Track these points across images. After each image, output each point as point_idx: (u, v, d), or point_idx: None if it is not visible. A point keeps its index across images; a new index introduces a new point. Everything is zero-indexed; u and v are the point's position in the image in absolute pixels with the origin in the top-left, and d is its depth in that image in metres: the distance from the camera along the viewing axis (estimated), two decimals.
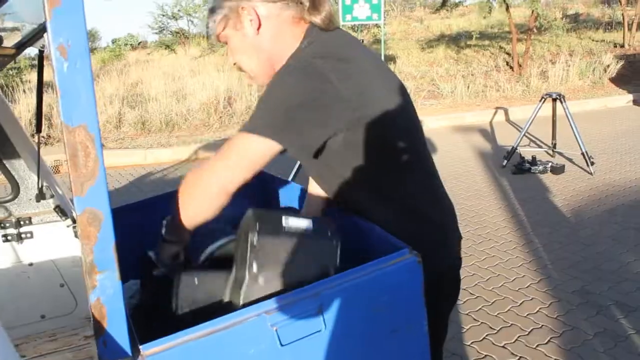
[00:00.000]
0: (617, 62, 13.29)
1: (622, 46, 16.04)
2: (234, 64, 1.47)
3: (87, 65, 0.84)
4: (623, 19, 16.39)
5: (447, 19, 24.03)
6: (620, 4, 16.65)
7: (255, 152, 1.26)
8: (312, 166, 1.53)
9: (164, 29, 25.86)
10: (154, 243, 1.46)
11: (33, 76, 11.59)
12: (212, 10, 1.40)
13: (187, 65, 16.22)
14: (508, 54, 14.89)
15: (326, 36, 1.37)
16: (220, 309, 1.16)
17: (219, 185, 1.27)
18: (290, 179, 5.16)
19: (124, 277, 1.74)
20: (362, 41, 4.83)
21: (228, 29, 1.40)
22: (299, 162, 4.33)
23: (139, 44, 31.21)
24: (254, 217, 1.21)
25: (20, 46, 2.04)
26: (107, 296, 0.93)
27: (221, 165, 1.27)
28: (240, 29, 1.38)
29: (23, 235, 2.26)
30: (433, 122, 9.48)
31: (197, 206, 1.30)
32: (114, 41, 30.82)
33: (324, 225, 1.27)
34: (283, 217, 1.24)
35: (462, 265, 1.65)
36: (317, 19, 1.36)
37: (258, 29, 1.36)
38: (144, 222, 1.95)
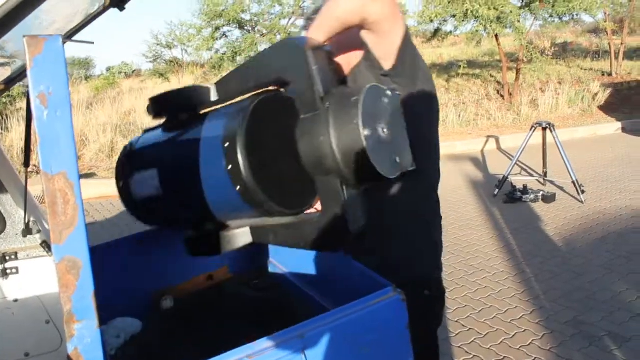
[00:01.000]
0: (605, 90, 13.47)
1: (610, 74, 16.27)
2: None
3: (67, 113, 0.84)
4: (610, 48, 16.68)
5: (438, 48, 24.35)
6: (607, 34, 16.92)
7: None
8: None
9: (158, 58, 26.06)
10: (149, 279, 1.45)
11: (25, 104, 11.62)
12: None
13: None
14: (499, 82, 15.05)
15: None
16: None
17: None
18: None
19: (118, 312, 1.71)
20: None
21: None
22: None
23: (134, 72, 31.38)
24: None
25: (9, 82, 2.05)
26: (85, 345, 0.92)
27: None
28: None
29: (8, 271, 2.24)
30: None
31: None
32: (108, 69, 30.99)
33: None
34: None
35: (455, 297, 1.71)
36: None
37: None
38: (141, 256, 1.94)
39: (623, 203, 6.16)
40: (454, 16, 12.09)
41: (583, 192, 6.29)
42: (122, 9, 1.85)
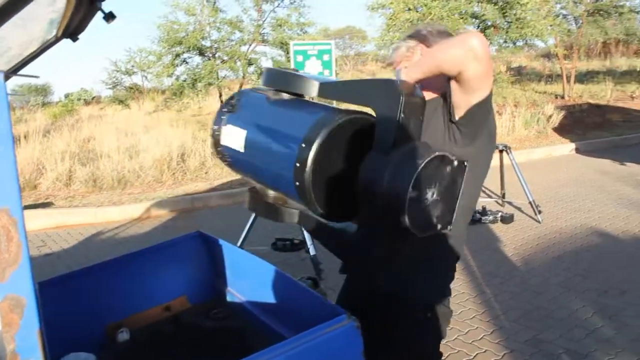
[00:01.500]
0: (559, 112, 13.88)
1: (563, 97, 16.81)
2: None
3: (9, 149, 0.83)
4: (562, 71, 17.25)
5: None
6: (558, 58, 17.52)
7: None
8: None
9: (117, 84, 25.79)
10: (104, 312, 1.44)
11: None
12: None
13: (140, 120, 16.14)
14: None
15: None
16: None
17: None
18: (239, 243, 5.14)
19: (72, 347, 1.67)
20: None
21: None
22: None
23: (93, 98, 30.97)
24: None
25: None
26: None
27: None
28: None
29: None
30: None
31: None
32: (67, 96, 30.51)
33: None
34: None
35: None
36: None
37: None
38: (96, 287, 1.90)
39: (578, 222, 6.33)
40: None
41: (540, 212, 6.44)
42: (75, 39, 1.84)
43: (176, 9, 10.87)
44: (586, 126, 13.87)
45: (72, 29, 1.70)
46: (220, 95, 12.17)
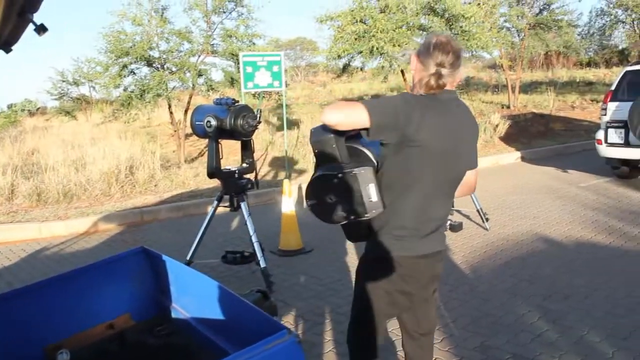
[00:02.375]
0: (505, 122, 14.27)
1: (508, 107, 17.30)
2: None
3: None
4: (507, 82, 17.75)
5: (349, 83, 24.98)
6: (503, 70, 18.03)
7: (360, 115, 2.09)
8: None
9: (64, 95, 25.15)
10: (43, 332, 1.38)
11: None
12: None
13: (88, 132, 15.79)
14: None
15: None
16: None
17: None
18: (189, 256, 5.07)
19: None
20: (260, 111, 4.91)
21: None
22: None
23: (38, 109, 30.14)
24: None
25: None
26: None
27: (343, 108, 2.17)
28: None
29: None
30: None
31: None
32: (9, 106, 29.59)
33: None
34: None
35: None
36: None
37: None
38: (33, 307, 1.83)
39: (524, 229, 6.49)
40: (360, 52, 12.47)
41: (487, 220, 6.58)
42: (7, 51, 1.78)
43: (123, 18, 10.69)
44: (531, 135, 14.31)
45: (3, 41, 1.65)
46: (170, 107, 11.99)
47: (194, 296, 1.91)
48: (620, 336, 3.71)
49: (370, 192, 2.09)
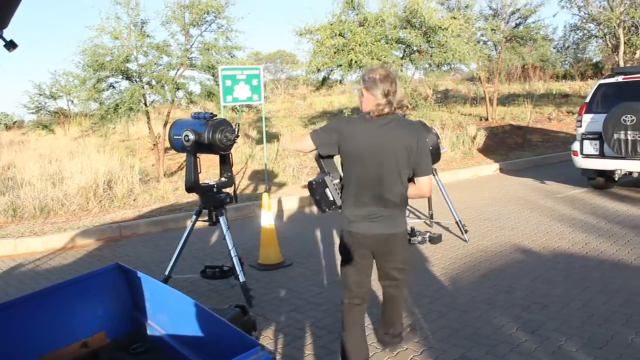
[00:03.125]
0: (483, 133, 14.43)
1: (486, 119, 17.50)
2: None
3: None
4: (485, 94, 17.97)
5: (329, 95, 25.10)
6: (481, 82, 18.26)
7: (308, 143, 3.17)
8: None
9: (41, 109, 24.88)
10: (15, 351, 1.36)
11: None
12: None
13: (66, 146, 15.62)
14: None
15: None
16: None
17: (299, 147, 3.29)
18: (167, 271, 5.03)
19: None
20: (238, 125, 4.91)
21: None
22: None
23: (14, 123, 29.76)
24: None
25: None
26: None
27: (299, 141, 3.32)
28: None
29: None
30: None
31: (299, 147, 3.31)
32: None
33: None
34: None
35: None
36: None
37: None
38: (3, 327, 1.80)
39: (503, 239, 6.55)
40: (339, 66, 12.54)
41: (466, 231, 6.63)
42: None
43: (102, 32, 10.63)
44: (509, 147, 14.47)
45: None
46: (149, 120, 11.92)
47: (169, 313, 1.89)
48: (597, 345, 3.75)
49: (328, 194, 3.25)
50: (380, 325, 3.85)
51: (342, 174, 3.24)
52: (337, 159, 3.27)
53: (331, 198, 3.22)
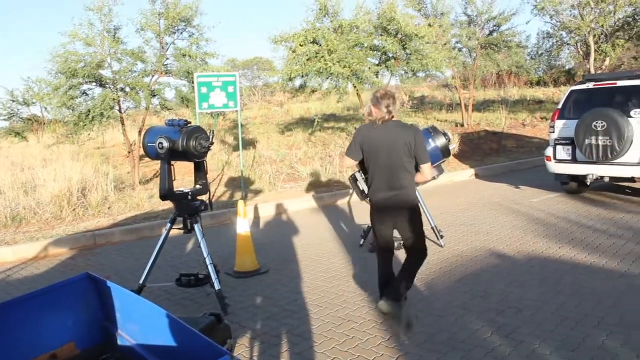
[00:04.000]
0: (459, 140, 14.55)
1: (462, 125, 17.66)
2: None
3: None
4: (460, 101, 18.16)
5: (306, 102, 25.11)
6: (457, 89, 18.45)
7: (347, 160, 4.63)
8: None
9: (14, 115, 24.45)
10: None
11: None
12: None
13: (39, 154, 15.39)
14: None
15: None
16: None
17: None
18: (142, 280, 4.97)
19: None
20: (213, 132, 4.88)
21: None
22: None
23: None
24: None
25: None
26: None
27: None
28: None
29: None
30: (293, 204, 9.65)
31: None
32: None
33: None
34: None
35: (323, 351, 2.16)
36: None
37: None
38: None
39: (478, 245, 6.60)
40: (310, 73, 12.55)
41: (442, 237, 6.66)
42: None
43: (75, 39, 10.49)
44: (484, 152, 14.63)
45: None
46: (124, 127, 11.80)
47: (140, 323, 1.87)
48: (570, 348, 3.80)
49: (360, 185, 4.86)
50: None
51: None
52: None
53: (362, 188, 4.77)
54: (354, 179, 4.86)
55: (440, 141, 5.54)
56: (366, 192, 4.64)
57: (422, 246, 4.61)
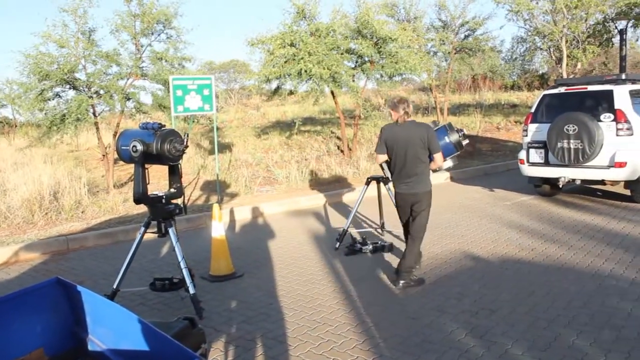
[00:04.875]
0: None
1: None
2: None
3: None
4: (436, 104, 18.32)
5: (282, 105, 25.10)
6: (432, 92, 18.61)
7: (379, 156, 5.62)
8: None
9: None
10: None
11: None
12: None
13: (10, 157, 15.14)
14: (339, 138, 15.79)
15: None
16: None
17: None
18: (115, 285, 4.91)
19: None
20: (187, 135, 4.85)
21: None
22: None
23: None
24: None
25: None
26: None
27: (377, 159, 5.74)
28: None
29: None
30: (269, 208, 9.62)
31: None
32: None
33: None
34: None
35: (298, 354, 1.98)
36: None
37: None
38: None
39: (453, 247, 6.66)
40: (289, 75, 12.55)
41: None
42: None
43: (47, 40, 10.35)
44: (459, 155, 14.71)
45: None
46: (98, 130, 11.66)
47: (110, 327, 1.85)
48: (541, 348, 3.86)
49: (386, 173, 5.76)
50: (396, 265, 5.67)
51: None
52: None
53: (387, 175, 5.75)
54: (382, 167, 5.76)
55: (454, 137, 6.15)
56: (390, 177, 5.67)
57: (421, 234, 5.54)
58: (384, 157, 5.52)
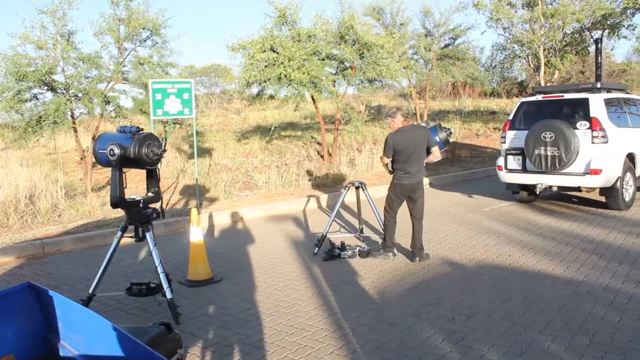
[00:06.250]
0: None
1: None
2: None
3: None
4: (416, 110, 18.44)
5: (263, 110, 25.06)
6: (412, 98, 18.74)
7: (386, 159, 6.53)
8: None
9: None
10: None
11: None
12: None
13: None
14: (319, 143, 15.81)
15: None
16: None
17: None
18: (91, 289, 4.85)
19: None
20: (165, 139, 4.83)
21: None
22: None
23: None
24: None
25: None
26: None
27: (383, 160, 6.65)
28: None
29: None
30: (248, 213, 9.60)
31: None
32: None
33: None
34: None
35: None
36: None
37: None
38: None
39: (431, 253, 6.70)
40: (269, 80, 12.55)
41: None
42: None
43: (25, 41, 10.21)
44: (438, 162, 14.83)
45: None
46: (76, 133, 11.52)
47: (83, 333, 1.83)
48: (517, 353, 3.89)
49: (389, 167, 6.55)
50: (410, 247, 6.63)
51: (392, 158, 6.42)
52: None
53: (390, 168, 6.50)
54: (386, 165, 6.58)
55: (442, 135, 6.89)
56: (391, 170, 6.54)
57: (422, 214, 6.61)
58: (389, 159, 6.41)
